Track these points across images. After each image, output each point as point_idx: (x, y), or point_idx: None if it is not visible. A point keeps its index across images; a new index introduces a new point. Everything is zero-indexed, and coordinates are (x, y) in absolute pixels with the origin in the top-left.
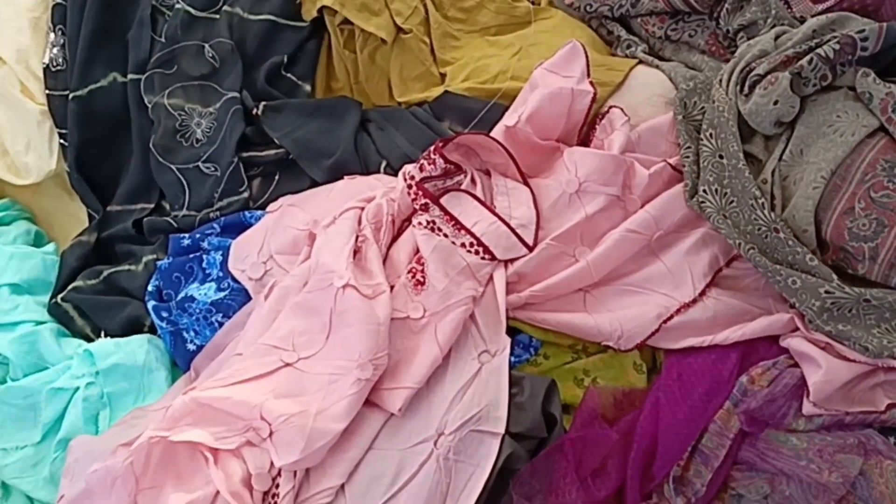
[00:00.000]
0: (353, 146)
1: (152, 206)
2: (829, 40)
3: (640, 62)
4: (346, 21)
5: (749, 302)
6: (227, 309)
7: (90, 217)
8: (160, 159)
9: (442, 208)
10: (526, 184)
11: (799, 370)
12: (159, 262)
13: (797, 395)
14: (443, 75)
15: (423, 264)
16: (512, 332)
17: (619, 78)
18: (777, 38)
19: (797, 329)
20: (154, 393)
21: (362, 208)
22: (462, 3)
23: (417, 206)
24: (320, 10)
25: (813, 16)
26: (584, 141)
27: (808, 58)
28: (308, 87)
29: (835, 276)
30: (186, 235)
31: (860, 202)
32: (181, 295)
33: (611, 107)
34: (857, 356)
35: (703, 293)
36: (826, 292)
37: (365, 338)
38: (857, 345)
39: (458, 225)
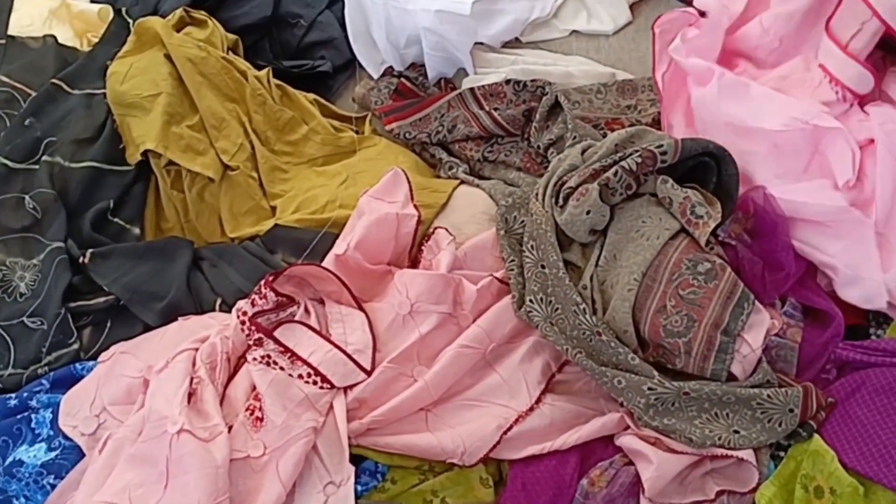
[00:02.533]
0: (185, 286)
1: None
2: (631, 154)
3: (462, 182)
4: (172, 161)
5: (582, 404)
6: (59, 469)
7: None
8: None
9: (276, 341)
10: (360, 309)
11: (634, 467)
12: None
13: (633, 493)
14: (273, 208)
15: (260, 400)
16: (357, 459)
17: (442, 199)
18: (584, 151)
19: (629, 427)
20: None
21: (196, 349)
22: (288, 137)
23: (251, 342)
24: (144, 154)
25: None
26: (414, 262)
27: (613, 170)
28: (137, 230)
29: (656, 373)
30: (13, 395)
31: (671, 300)
32: (9, 460)
33: (436, 228)
34: (684, 448)
35: (538, 400)
36: (649, 389)
37: (203, 483)
38: (682, 437)
39: (294, 356)
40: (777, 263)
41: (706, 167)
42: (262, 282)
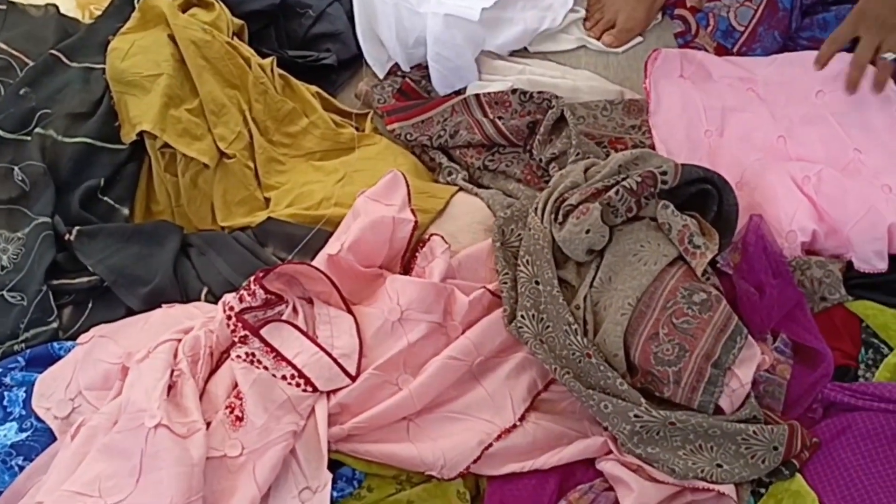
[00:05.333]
0: (172, 272)
1: None
2: (634, 174)
3: (461, 189)
4: (167, 144)
5: (566, 425)
6: (28, 451)
7: None
8: None
9: (262, 340)
10: (349, 311)
11: (614, 493)
12: None
13: None
14: (267, 200)
15: (241, 399)
16: (334, 464)
17: (440, 205)
18: (586, 170)
19: (611, 452)
20: None
21: (179, 340)
22: (287, 129)
23: (236, 339)
24: (140, 134)
25: None
26: (407, 267)
27: (615, 189)
28: (126, 211)
29: (643, 400)
30: None
31: (664, 328)
32: None
33: (432, 234)
34: (666, 478)
35: (522, 418)
36: (635, 416)
37: (177, 481)
38: (665, 467)
39: (279, 357)
40: (765, 292)
41: (708, 195)
42: (252, 278)
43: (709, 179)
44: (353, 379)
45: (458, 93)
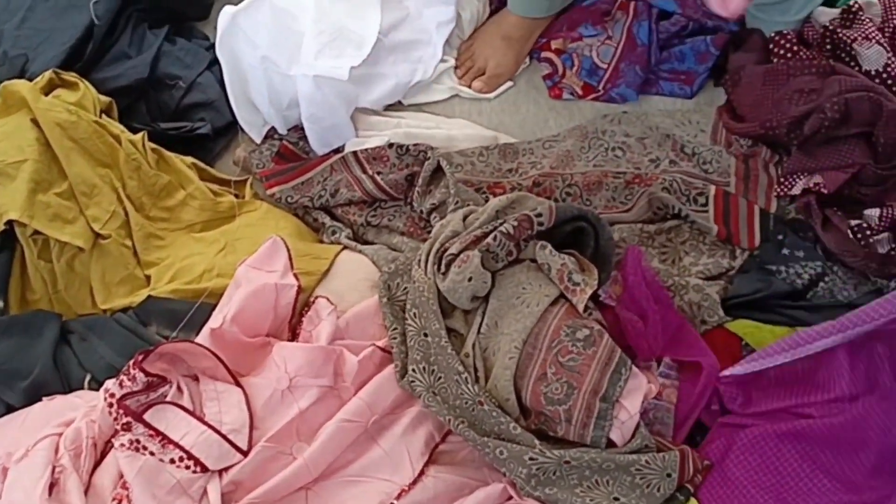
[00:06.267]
0: (52, 363)
1: None
2: (510, 218)
3: (345, 248)
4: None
5: (466, 475)
6: None
7: None
8: None
9: (146, 424)
10: (237, 384)
11: None
12: None
13: None
14: (148, 277)
15: (128, 489)
16: None
17: (324, 266)
18: (465, 218)
19: (512, 497)
20: None
21: (60, 434)
22: (164, 202)
23: (120, 426)
24: (9, 223)
25: None
26: (294, 331)
27: (493, 235)
28: (0, 303)
29: (537, 442)
30: None
31: (551, 367)
32: None
33: (317, 297)
34: None
35: (422, 473)
36: (531, 459)
37: None
38: None
39: (165, 440)
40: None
41: (584, 232)
42: (131, 362)
43: (583, 217)
44: (245, 454)
45: (336, 151)
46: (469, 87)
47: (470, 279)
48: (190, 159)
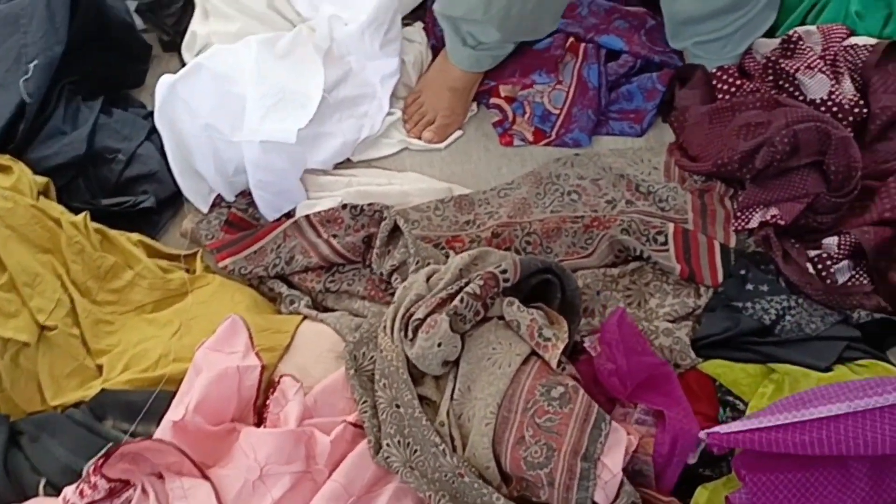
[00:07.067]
0: (2, 468)
1: None
2: (475, 277)
3: (305, 318)
4: None
5: None
6: None
7: None
8: None
9: None
10: (205, 478)
11: None
12: None
13: None
14: (100, 367)
15: None
16: None
17: (285, 340)
18: (428, 278)
19: None
20: None
21: None
22: (111, 285)
23: None
24: None
25: None
26: (260, 412)
27: (459, 297)
28: None
29: None
30: None
31: (528, 430)
32: None
33: (282, 376)
34: None
35: None
36: None
37: None
38: None
39: None
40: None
41: (549, 283)
42: (91, 468)
43: (548, 269)
44: None
45: (288, 215)
46: (419, 138)
47: (440, 344)
48: (136, 236)
